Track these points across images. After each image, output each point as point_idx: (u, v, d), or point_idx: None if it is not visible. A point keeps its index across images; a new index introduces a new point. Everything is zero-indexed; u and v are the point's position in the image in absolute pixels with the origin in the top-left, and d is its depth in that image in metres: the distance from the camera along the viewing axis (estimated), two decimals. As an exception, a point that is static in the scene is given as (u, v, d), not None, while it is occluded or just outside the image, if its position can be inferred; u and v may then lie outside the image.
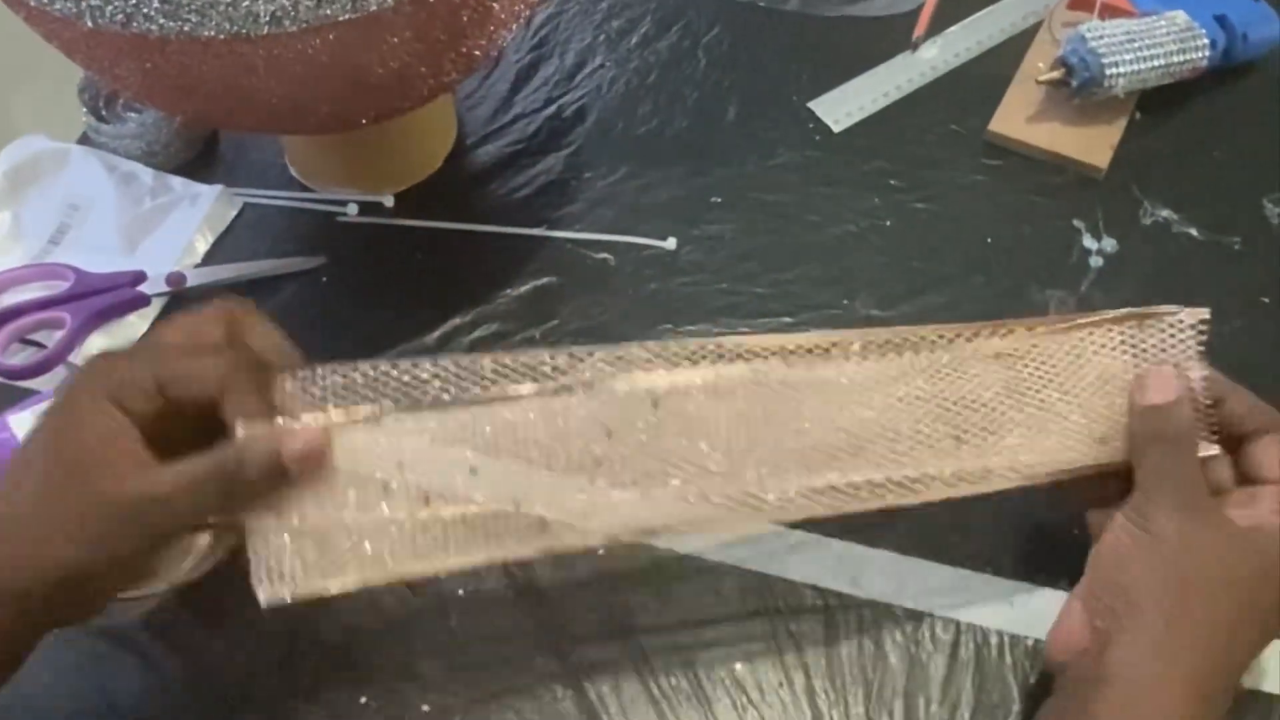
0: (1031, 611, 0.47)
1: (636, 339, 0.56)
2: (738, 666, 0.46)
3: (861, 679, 0.46)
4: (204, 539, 0.45)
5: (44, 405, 0.38)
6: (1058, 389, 0.44)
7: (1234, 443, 0.44)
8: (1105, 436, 0.44)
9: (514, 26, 0.50)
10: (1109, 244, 0.60)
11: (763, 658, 0.46)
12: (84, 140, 0.65)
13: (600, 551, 0.49)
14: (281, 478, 0.37)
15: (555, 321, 0.57)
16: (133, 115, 0.64)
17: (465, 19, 0.46)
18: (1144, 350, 0.44)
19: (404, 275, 0.60)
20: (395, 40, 0.44)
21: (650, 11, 0.73)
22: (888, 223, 0.61)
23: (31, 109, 0.68)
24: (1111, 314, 0.45)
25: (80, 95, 0.65)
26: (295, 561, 0.38)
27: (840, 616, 0.47)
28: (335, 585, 0.38)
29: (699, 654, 0.46)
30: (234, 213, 0.63)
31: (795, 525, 0.49)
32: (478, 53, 0.50)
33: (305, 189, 0.64)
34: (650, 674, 0.46)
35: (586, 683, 0.46)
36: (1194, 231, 0.60)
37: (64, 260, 0.59)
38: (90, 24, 0.41)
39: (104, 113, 0.65)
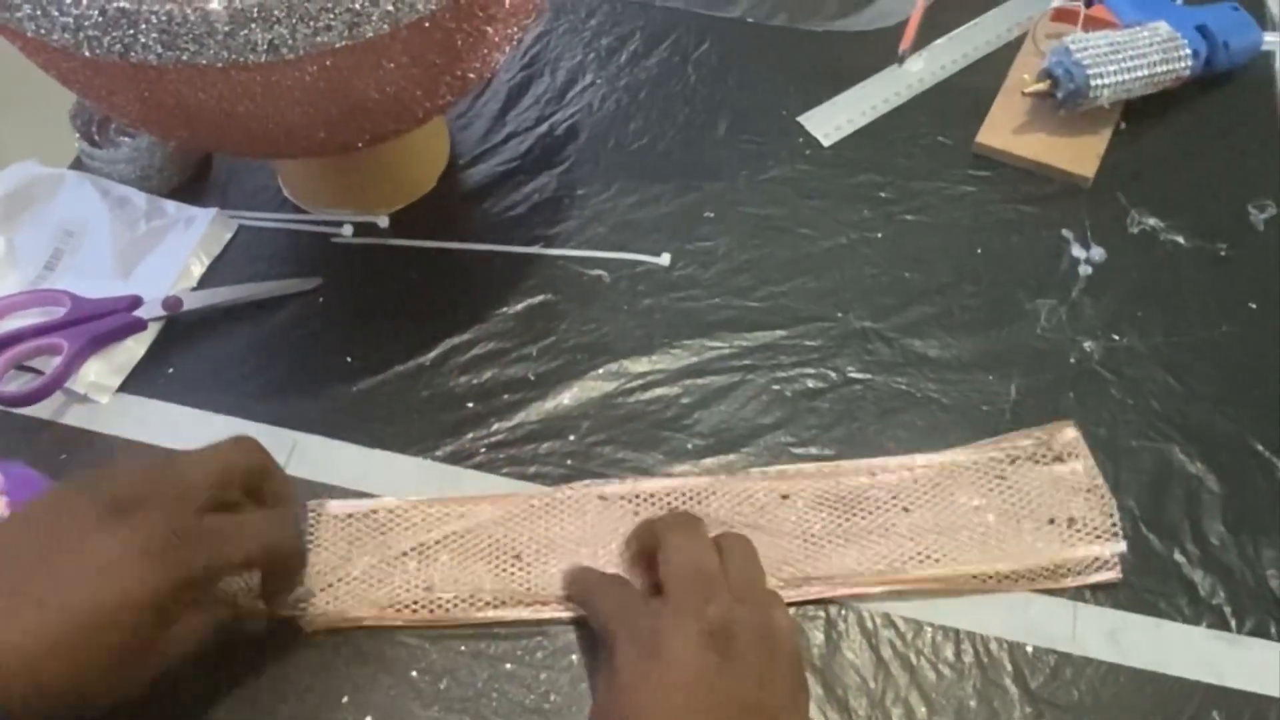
0: (1032, 618, 0.48)
1: (632, 355, 0.57)
2: (741, 679, 0.46)
3: (863, 687, 0.46)
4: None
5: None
6: None
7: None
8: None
9: (508, 49, 0.51)
10: (1097, 253, 0.60)
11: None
12: (77, 165, 0.66)
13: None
14: None
15: (551, 339, 0.58)
16: (125, 140, 0.65)
17: (460, 43, 0.46)
18: None
19: (400, 295, 0.60)
20: (391, 65, 0.45)
21: (639, 29, 0.73)
22: (879, 235, 0.62)
23: (23, 135, 0.68)
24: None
25: (72, 121, 0.65)
26: None
27: (841, 624, 0.48)
28: None
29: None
30: (229, 235, 0.63)
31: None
32: (472, 75, 0.50)
33: (300, 211, 0.64)
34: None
35: (588, 689, 0.46)
36: (1181, 239, 0.61)
37: (59, 286, 0.59)
38: (88, 54, 0.41)
39: (96, 138, 0.65)
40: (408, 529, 0.50)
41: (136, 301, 0.58)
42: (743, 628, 0.41)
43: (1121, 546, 0.49)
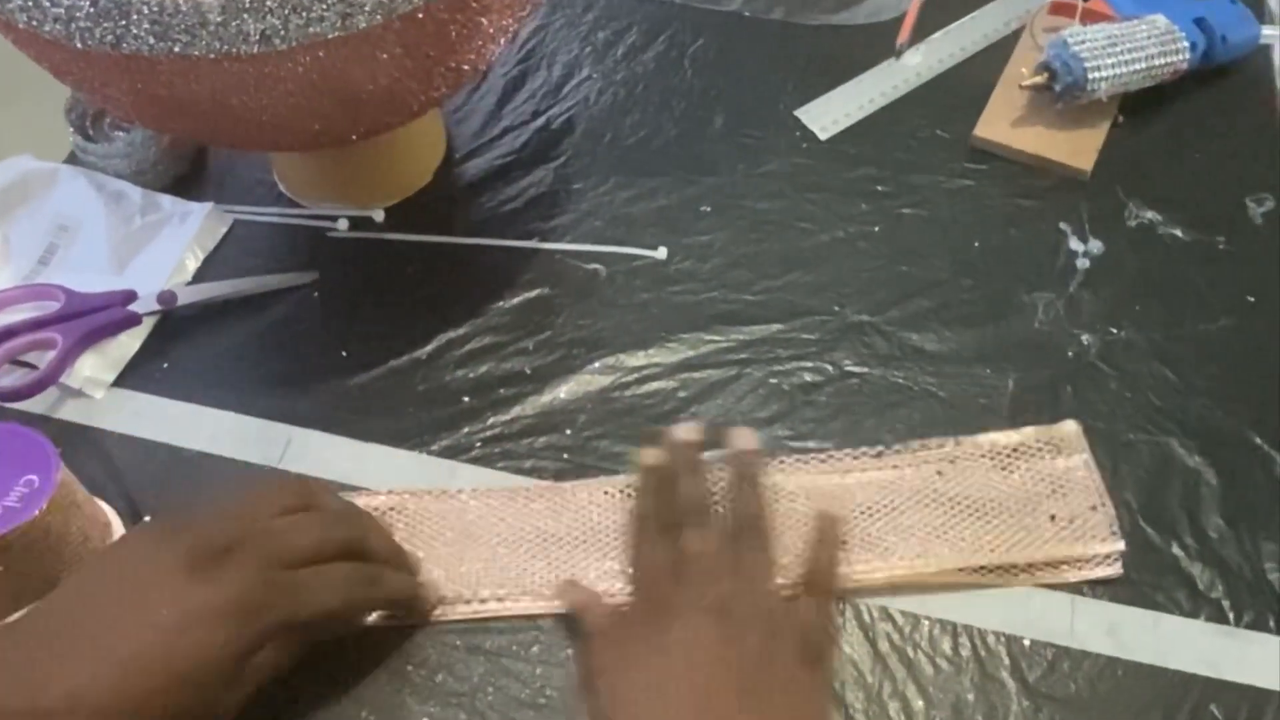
0: (1030, 612, 0.48)
1: (629, 349, 0.57)
2: (737, 673, 0.46)
3: (860, 681, 0.46)
4: None
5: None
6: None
7: None
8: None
9: (502, 41, 0.51)
10: (1095, 246, 0.60)
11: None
12: (72, 160, 0.65)
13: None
14: None
15: (548, 333, 0.58)
16: (120, 134, 0.64)
17: (454, 35, 0.46)
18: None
19: (396, 289, 0.60)
20: (384, 57, 0.44)
21: (636, 22, 0.73)
22: (876, 228, 0.62)
23: (18, 129, 0.68)
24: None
25: (67, 115, 0.65)
26: None
27: (837, 618, 0.48)
28: None
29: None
30: (224, 230, 0.63)
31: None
32: (466, 68, 0.50)
33: (295, 205, 0.64)
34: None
35: (588, 689, 0.46)
36: (1179, 232, 0.61)
37: (54, 280, 0.59)
38: (80, 45, 0.41)
39: (91, 132, 0.65)
40: (403, 524, 0.50)
41: (131, 296, 0.58)
42: (742, 608, 0.42)
43: (1120, 545, 0.48)
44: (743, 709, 0.40)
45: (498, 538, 0.50)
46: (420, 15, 0.43)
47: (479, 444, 0.54)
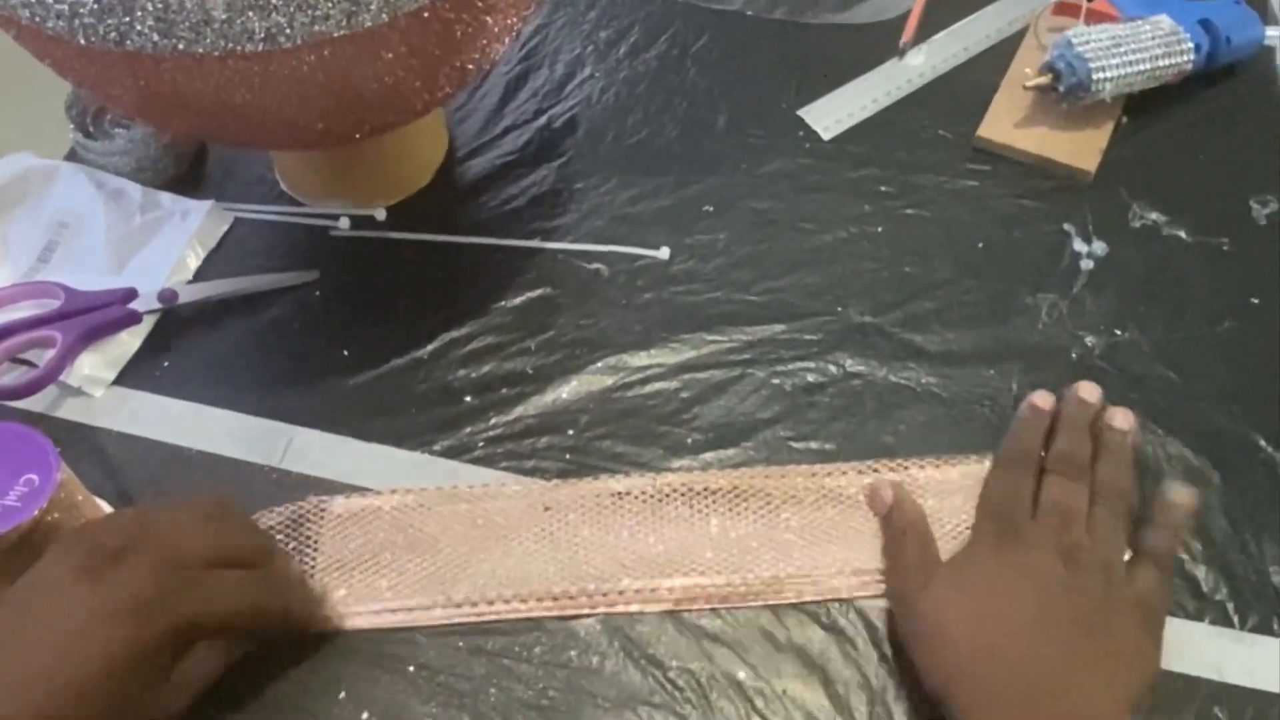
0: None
1: (631, 349, 0.57)
2: (741, 675, 0.46)
3: (864, 684, 0.46)
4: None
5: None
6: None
7: None
8: None
9: (507, 40, 0.51)
10: (1099, 247, 0.60)
11: (766, 665, 0.46)
12: (72, 157, 0.65)
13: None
14: None
15: (550, 333, 0.57)
16: (121, 131, 0.64)
17: (459, 34, 0.46)
18: None
19: (397, 289, 0.60)
20: (389, 56, 0.44)
21: (638, 21, 0.73)
22: (879, 229, 0.62)
23: (18, 126, 0.68)
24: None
25: (67, 111, 0.64)
26: None
27: (842, 621, 0.47)
28: None
29: (703, 662, 0.46)
30: (225, 228, 0.62)
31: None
32: (471, 67, 0.50)
33: (296, 203, 0.64)
34: (656, 681, 0.46)
35: (586, 685, 0.46)
36: (1183, 233, 0.61)
37: (54, 278, 0.58)
38: (83, 42, 0.41)
39: (91, 129, 0.65)
40: (406, 526, 0.50)
41: (131, 294, 0.58)
42: (1088, 560, 0.45)
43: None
44: (1079, 644, 0.42)
45: (503, 539, 0.50)
46: (426, 14, 0.43)
47: (481, 444, 0.53)
